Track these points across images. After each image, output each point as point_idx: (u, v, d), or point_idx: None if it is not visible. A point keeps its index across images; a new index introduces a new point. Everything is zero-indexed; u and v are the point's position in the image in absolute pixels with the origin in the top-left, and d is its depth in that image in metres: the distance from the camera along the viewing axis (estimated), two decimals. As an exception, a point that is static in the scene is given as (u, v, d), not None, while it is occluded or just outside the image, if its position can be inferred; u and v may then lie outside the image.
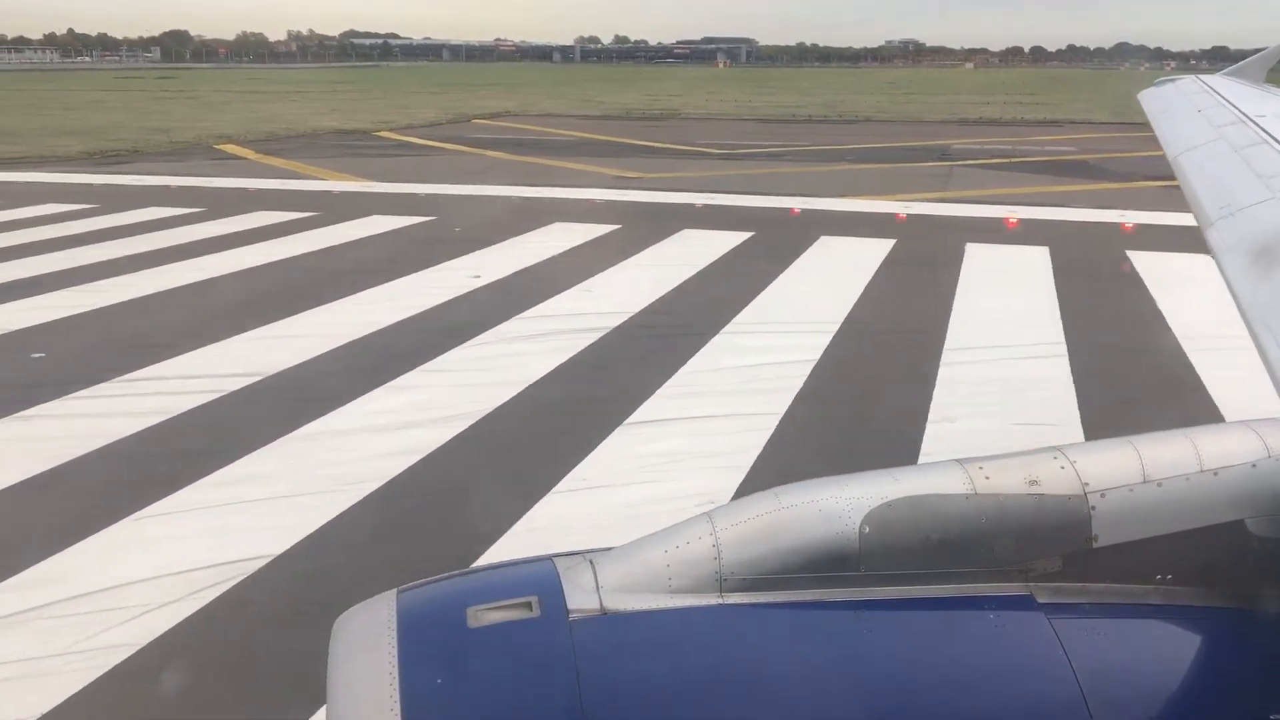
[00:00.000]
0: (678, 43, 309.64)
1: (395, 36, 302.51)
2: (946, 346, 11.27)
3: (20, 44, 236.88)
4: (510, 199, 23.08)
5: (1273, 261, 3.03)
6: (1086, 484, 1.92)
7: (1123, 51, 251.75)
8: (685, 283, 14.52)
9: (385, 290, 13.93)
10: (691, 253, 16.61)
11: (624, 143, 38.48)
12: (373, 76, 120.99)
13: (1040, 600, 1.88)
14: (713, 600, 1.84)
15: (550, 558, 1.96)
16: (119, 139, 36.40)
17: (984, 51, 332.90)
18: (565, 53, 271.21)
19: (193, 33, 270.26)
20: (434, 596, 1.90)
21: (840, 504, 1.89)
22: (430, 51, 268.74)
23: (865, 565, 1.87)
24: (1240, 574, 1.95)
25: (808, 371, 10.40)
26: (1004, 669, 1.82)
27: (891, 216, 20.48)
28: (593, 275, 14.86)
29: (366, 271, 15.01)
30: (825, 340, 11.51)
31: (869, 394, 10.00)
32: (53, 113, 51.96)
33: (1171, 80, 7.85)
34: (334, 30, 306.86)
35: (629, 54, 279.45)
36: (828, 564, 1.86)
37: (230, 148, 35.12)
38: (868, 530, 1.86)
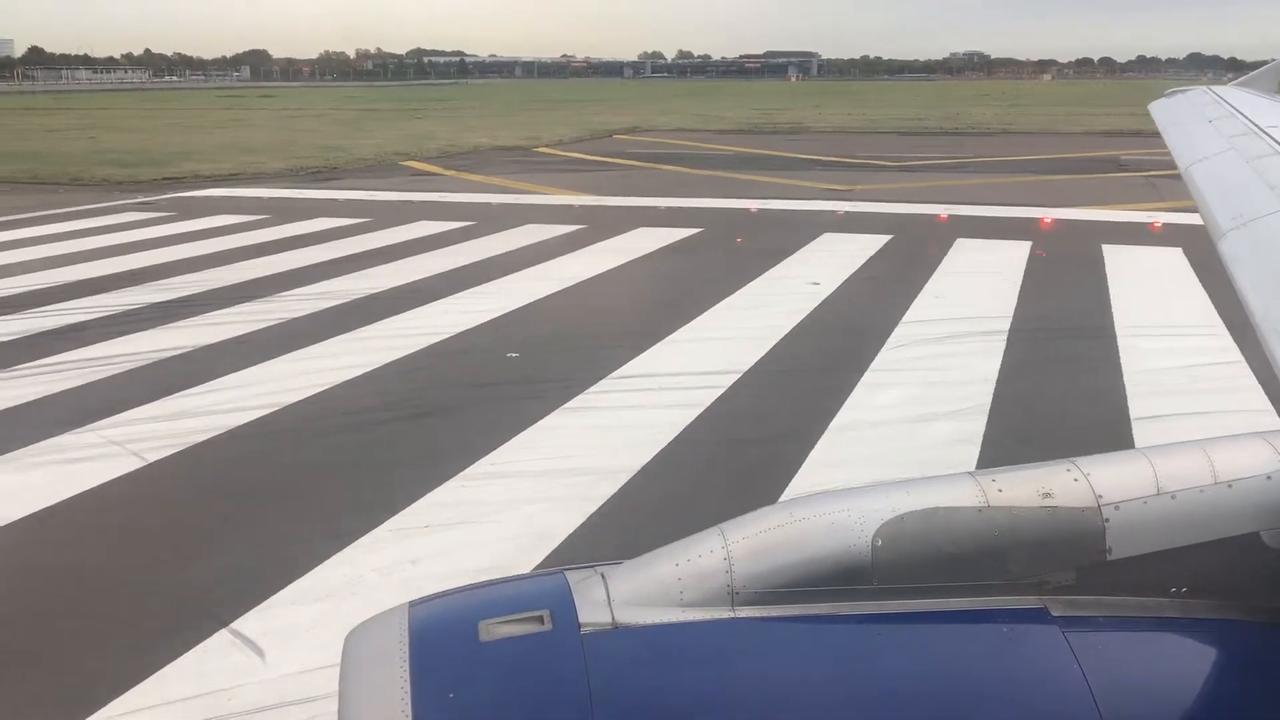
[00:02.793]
0: (742, 56, 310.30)
1: (461, 54, 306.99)
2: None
3: (109, 64, 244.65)
4: (749, 211, 23.61)
5: None
6: (1100, 496, 1.91)
7: (1196, 63, 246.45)
8: (1025, 290, 14.84)
9: (745, 298, 14.45)
10: (994, 260, 16.95)
11: (789, 156, 38.90)
12: (466, 94, 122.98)
13: (1054, 613, 1.87)
14: (724, 614, 1.84)
15: (561, 570, 1.97)
16: (305, 156, 37.68)
17: (1053, 63, 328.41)
18: (635, 68, 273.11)
19: (272, 52, 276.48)
20: (445, 610, 1.91)
21: (852, 517, 1.89)
22: (503, 69, 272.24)
23: (878, 578, 1.86)
24: (1256, 586, 1.94)
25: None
26: (1018, 683, 1.81)
27: (1154, 226, 20.61)
28: (927, 282, 15.27)
29: (708, 280, 15.60)
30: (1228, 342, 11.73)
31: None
32: (207, 131, 53.83)
33: (1182, 91, 7.80)
34: (401, 49, 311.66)
35: (698, 69, 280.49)
36: (840, 577, 1.86)
37: (415, 164, 36.21)
38: (880, 543, 1.86)
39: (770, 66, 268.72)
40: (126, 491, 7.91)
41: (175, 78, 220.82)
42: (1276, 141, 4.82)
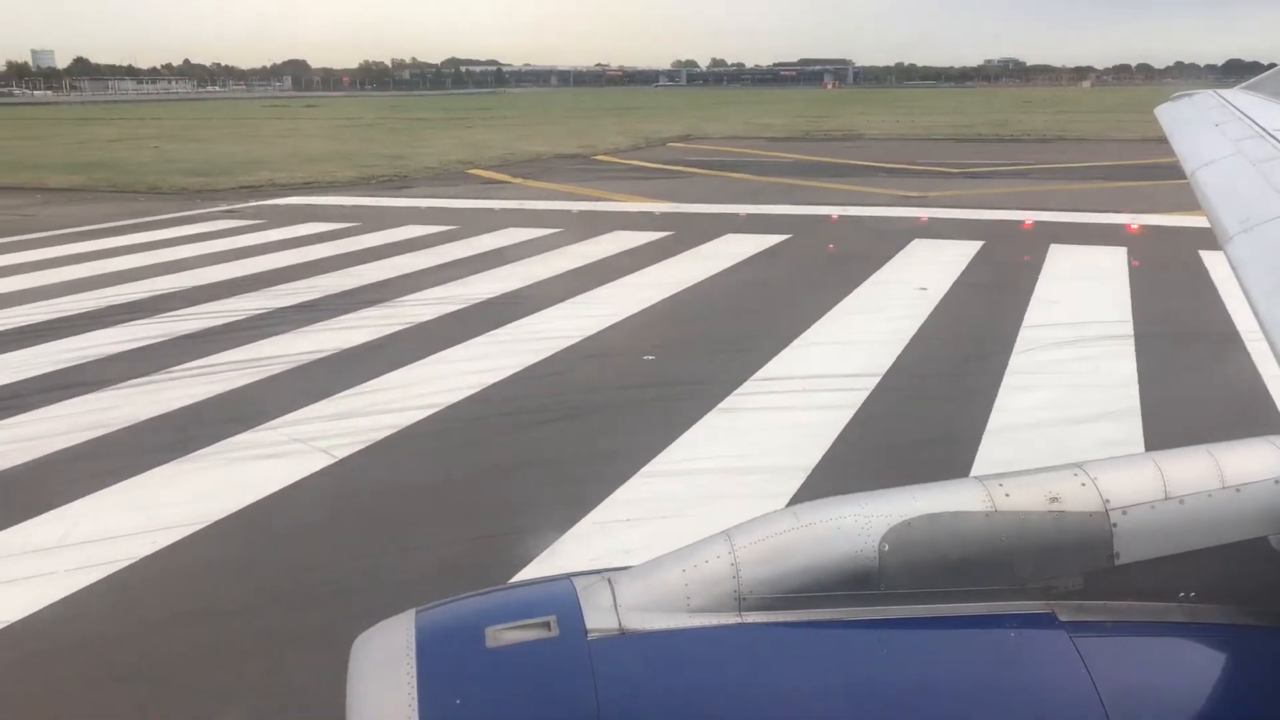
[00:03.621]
0: (776, 64, 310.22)
1: (496, 63, 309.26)
2: None
3: (153, 75, 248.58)
4: (831, 218, 23.79)
5: None
6: (1108, 501, 1.89)
7: (1235, 68, 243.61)
8: (1135, 295, 14.92)
9: (856, 303, 14.64)
10: (1092, 266, 17.03)
11: (850, 163, 39.01)
12: (507, 103, 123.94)
13: (1062, 618, 1.86)
14: (732, 619, 1.83)
15: (568, 577, 1.95)
16: (371, 165, 38.25)
17: (1090, 69, 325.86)
18: (671, 76, 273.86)
19: (310, 62, 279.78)
20: (452, 616, 1.91)
21: (859, 522, 1.88)
22: (538, 77, 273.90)
23: (885, 584, 1.85)
24: (1264, 591, 1.92)
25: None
26: (1026, 688, 1.79)
27: None
28: (1034, 287, 15.39)
29: (812, 285, 15.83)
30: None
31: None
32: (266, 140, 54.74)
33: (1188, 95, 7.78)
34: (436, 58, 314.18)
35: (733, 76, 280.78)
36: (847, 582, 1.85)
37: (481, 172, 36.68)
38: (887, 549, 1.85)
39: (805, 74, 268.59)
40: (329, 485, 8.23)
41: (217, 87, 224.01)
42: None
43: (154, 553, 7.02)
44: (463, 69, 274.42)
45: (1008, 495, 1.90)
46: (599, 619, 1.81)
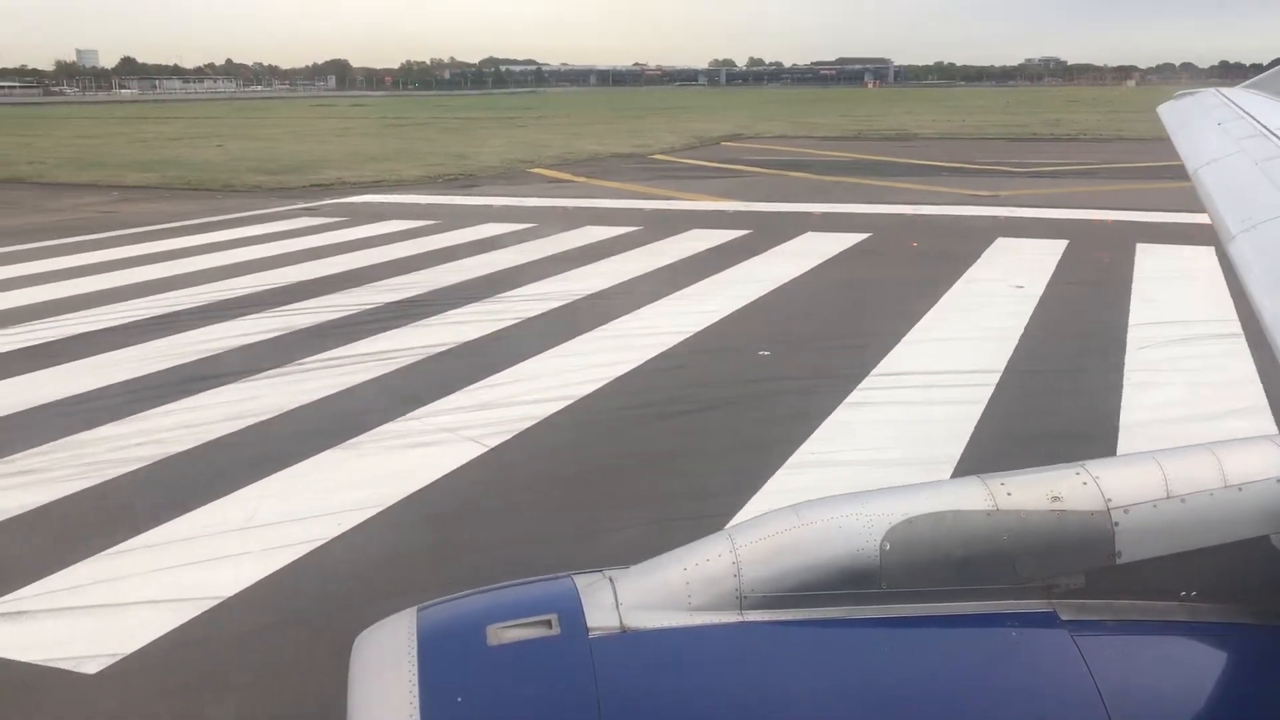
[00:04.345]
0: (815, 63, 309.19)
1: (532, 63, 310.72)
2: None
3: (199, 74, 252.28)
4: (905, 216, 23.87)
5: None
6: (1109, 500, 1.90)
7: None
8: (1236, 293, 14.90)
9: (955, 301, 14.75)
10: (1185, 265, 17.02)
11: (909, 163, 38.97)
12: (550, 102, 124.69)
13: (1064, 617, 1.86)
14: (733, 618, 1.84)
15: (569, 575, 1.96)
16: (434, 164, 38.75)
17: (1133, 68, 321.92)
18: (710, 76, 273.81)
19: (350, 61, 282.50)
20: (453, 614, 1.92)
21: (861, 521, 1.89)
22: (576, 77, 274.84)
23: (887, 582, 1.86)
24: (1266, 590, 1.93)
25: None
26: (1027, 687, 1.80)
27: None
28: (1131, 285, 15.43)
29: (905, 282, 15.97)
30: None
31: None
32: (324, 139, 55.53)
33: (1191, 93, 7.72)
34: (473, 57, 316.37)
35: (773, 76, 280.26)
36: (849, 581, 1.86)
37: (543, 171, 37.05)
38: (889, 547, 1.86)
39: (845, 73, 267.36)
40: (490, 473, 8.51)
41: (260, 87, 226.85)
42: None
43: (341, 533, 7.32)
44: (502, 68, 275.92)
45: (1009, 494, 1.91)
46: (600, 617, 1.81)
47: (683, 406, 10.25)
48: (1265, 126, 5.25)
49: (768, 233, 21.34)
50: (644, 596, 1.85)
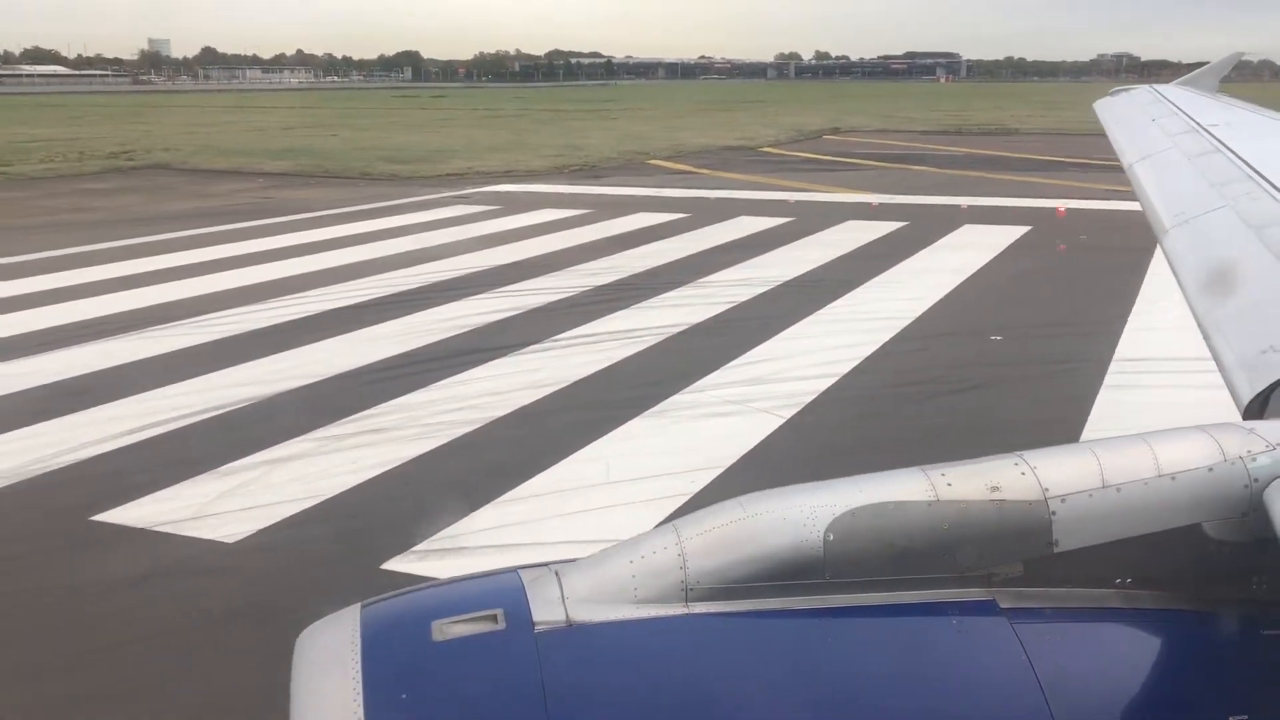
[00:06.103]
0: (882, 57, 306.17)
1: (599, 55, 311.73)
2: None
3: (275, 65, 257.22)
4: (1058, 212, 24.06)
5: (1226, 270, 3.02)
6: (1047, 490, 1.93)
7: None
8: None
9: (1156, 290, 15.06)
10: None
11: (1024, 157, 38.96)
12: (627, 95, 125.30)
13: (1003, 605, 1.90)
14: (679, 610, 1.85)
15: (516, 570, 1.96)
16: (553, 155, 39.59)
17: (1207, 64, 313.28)
18: (779, 69, 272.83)
19: (423, 54, 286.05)
20: (398, 611, 1.91)
21: (804, 512, 1.91)
22: (644, 70, 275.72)
23: (830, 573, 1.88)
24: (1198, 577, 1.98)
25: None
26: (968, 674, 1.84)
27: None
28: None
29: (1093, 272, 16.34)
30: None
31: None
32: (430, 129, 56.86)
33: (1126, 90, 7.74)
34: (539, 50, 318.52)
35: (843, 69, 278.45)
36: (793, 572, 1.87)
37: (662, 163, 37.69)
38: (832, 538, 1.88)
39: (914, 68, 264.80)
40: (801, 441, 9.11)
41: (336, 77, 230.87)
42: (1217, 139, 4.92)
43: (699, 490, 7.95)
44: (574, 61, 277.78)
45: (949, 485, 1.94)
46: (546, 611, 1.82)
47: (948, 386, 10.77)
48: (1198, 123, 5.48)
49: (925, 225, 21.70)
50: (590, 590, 1.87)
